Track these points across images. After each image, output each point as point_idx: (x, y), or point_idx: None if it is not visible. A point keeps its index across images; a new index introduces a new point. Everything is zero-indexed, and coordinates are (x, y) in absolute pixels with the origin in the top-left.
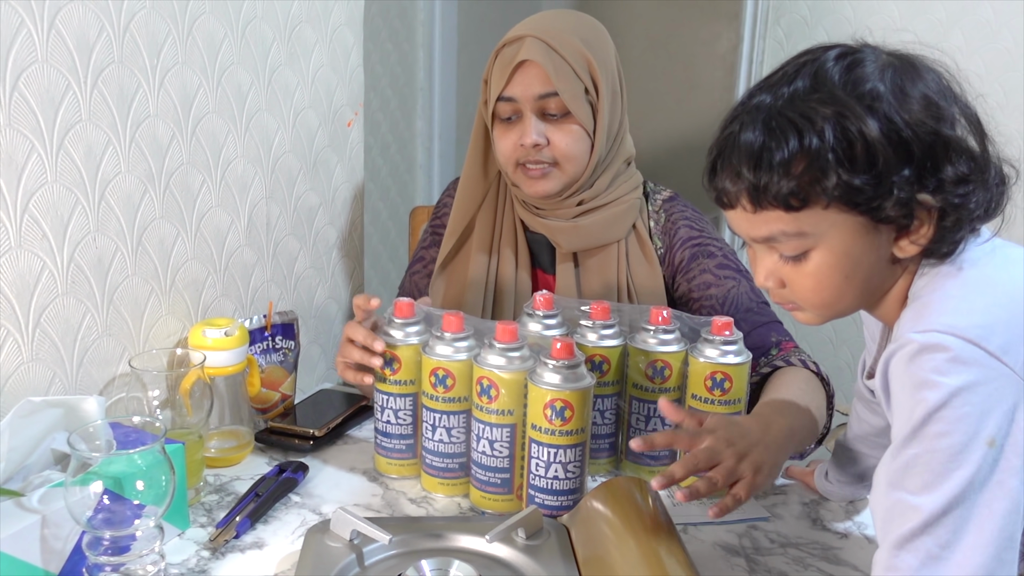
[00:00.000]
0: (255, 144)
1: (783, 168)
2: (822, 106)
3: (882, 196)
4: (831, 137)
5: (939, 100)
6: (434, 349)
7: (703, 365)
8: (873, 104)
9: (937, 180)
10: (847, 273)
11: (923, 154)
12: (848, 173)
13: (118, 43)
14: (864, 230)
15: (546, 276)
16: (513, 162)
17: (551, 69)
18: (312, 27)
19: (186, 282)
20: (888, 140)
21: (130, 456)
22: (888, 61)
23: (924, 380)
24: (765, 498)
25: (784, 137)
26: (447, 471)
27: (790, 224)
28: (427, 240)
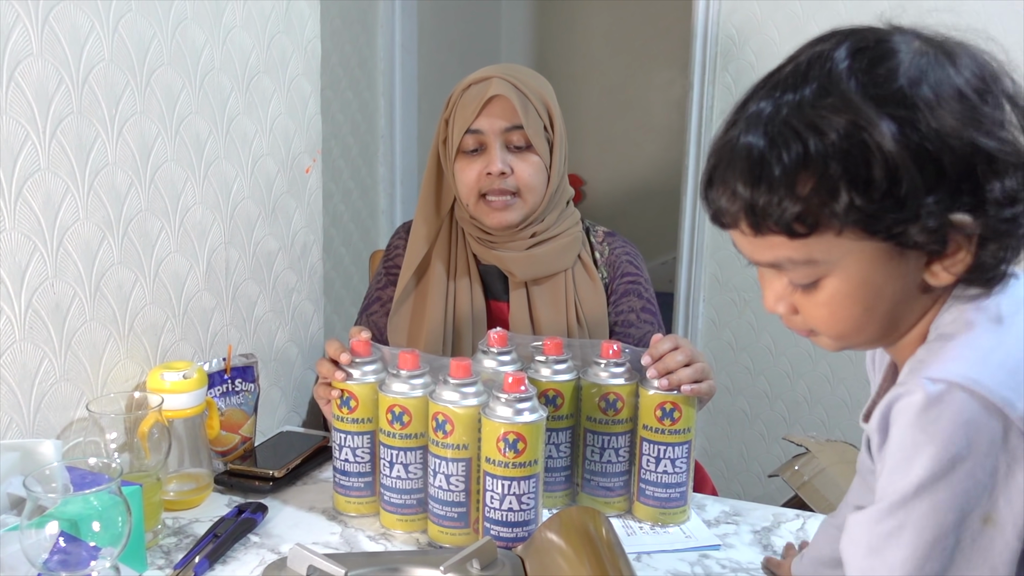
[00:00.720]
0: (214, 191)
1: (786, 187)
2: (834, 114)
3: (907, 221)
4: (843, 152)
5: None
6: (390, 387)
7: (652, 396)
8: (896, 111)
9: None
10: (867, 305)
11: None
12: (863, 196)
13: (77, 94)
14: (887, 257)
15: (499, 305)
16: (476, 193)
17: (518, 104)
18: (270, 77)
19: (144, 327)
20: (914, 156)
21: (86, 497)
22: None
23: (926, 442)
24: (717, 526)
25: (787, 150)
26: (405, 507)
27: (798, 251)
28: (382, 281)
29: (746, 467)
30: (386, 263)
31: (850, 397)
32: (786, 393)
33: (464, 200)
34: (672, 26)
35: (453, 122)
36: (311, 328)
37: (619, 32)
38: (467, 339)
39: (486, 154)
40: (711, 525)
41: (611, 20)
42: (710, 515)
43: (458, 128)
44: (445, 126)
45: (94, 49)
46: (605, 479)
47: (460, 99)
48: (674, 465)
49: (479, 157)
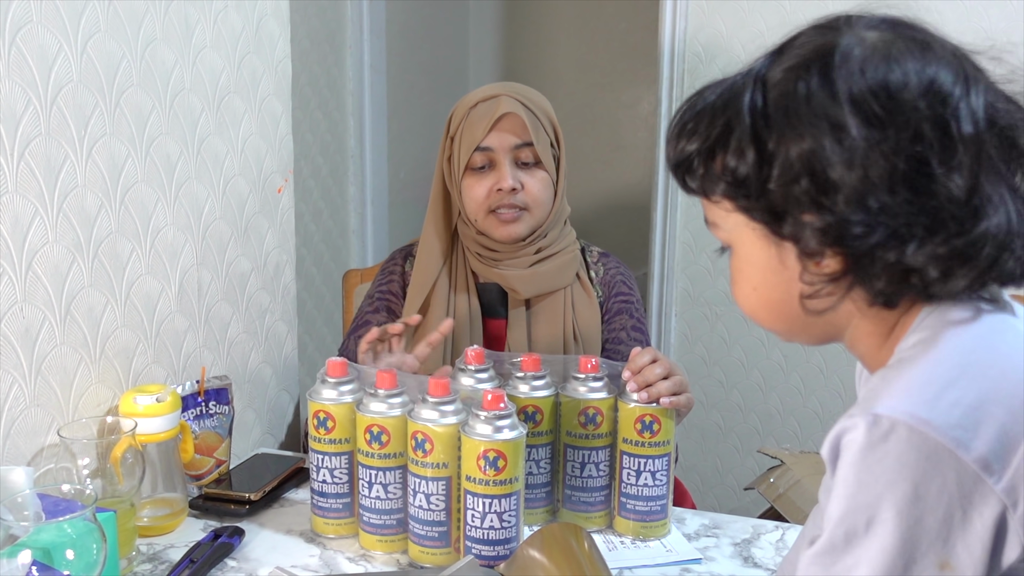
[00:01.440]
0: (185, 212)
1: (679, 145)
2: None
3: (756, 204)
4: (716, 125)
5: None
6: (368, 406)
7: (632, 409)
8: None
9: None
10: (754, 285)
11: (798, 176)
12: (716, 168)
13: (45, 116)
14: (764, 240)
15: (496, 322)
16: (485, 208)
17: (528, 122)
18: (241, 97)
19: (116, 350)
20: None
21: (59, 525)
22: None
23: (872, 481)
24: (697, 540)
25: (695, 115)
26: (385, 528)
27: (709, 210)
28: (373, 305)
29: (721, 480)
30: (379, 287)
31: (822, 408)
32: (759, 405)
33: (472, 216)
34: (639, 44)
35: (460, 140)
36: (285, 349)
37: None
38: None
39: (495, 171)
40: (691, 538)
41: (578, 40)
42: (690, 528)
43: (466, 146)
44: (451, 144)
45: (62, 70)
46: (586, 494)
47: (468, 116)
48: (654, 478)
49: (488, 174)
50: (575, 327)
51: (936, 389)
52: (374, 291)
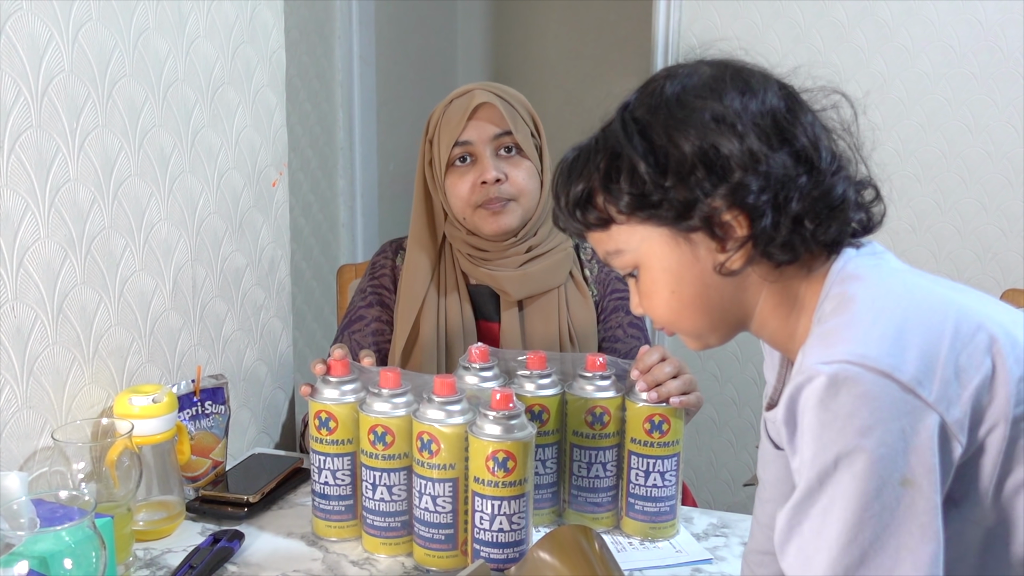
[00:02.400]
0: (179, 206)
1: (571, 188)
2: (602, 133)
3: (661, 206)
4: (603, 157)
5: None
6: (372, 406)
7: (641, 409)
8: (644, 125)
9: (720, 183)
10: (672, 288)
11: (695, 164)
12: (617, 189)
13: (35, 107)
14: (673, 241)
15: (490, 325)
16: (472, 205)
17: (504, 111)
18: (235, 89)
19: (110, 349)
20: (653, 157)
21: (57, 533)
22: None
23: (832, 420)
24: (707, 539)
25: (575, 162)
26: (389, 530)
27: (607, 243)
28: (366, 299)
29: (715, 475)
30: (371, 281)
31: None
32: (754, 400)
33: (459, 214)
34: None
35: (439, 139)
36: (280, 346)
37: (577, 42)
38: (458, 359)
39: (477, 164)
40: (700, 538)
41: (569, 30)
42: (698, 528)
43: (445, 143)
44: (430, 147)
45: (53, 59)
46: (593, 495)
47: (443, 115)
48: (663, 478)
49: (470, 169)
50: (570, 327)
51: (863, 330)
52: (366, 285)
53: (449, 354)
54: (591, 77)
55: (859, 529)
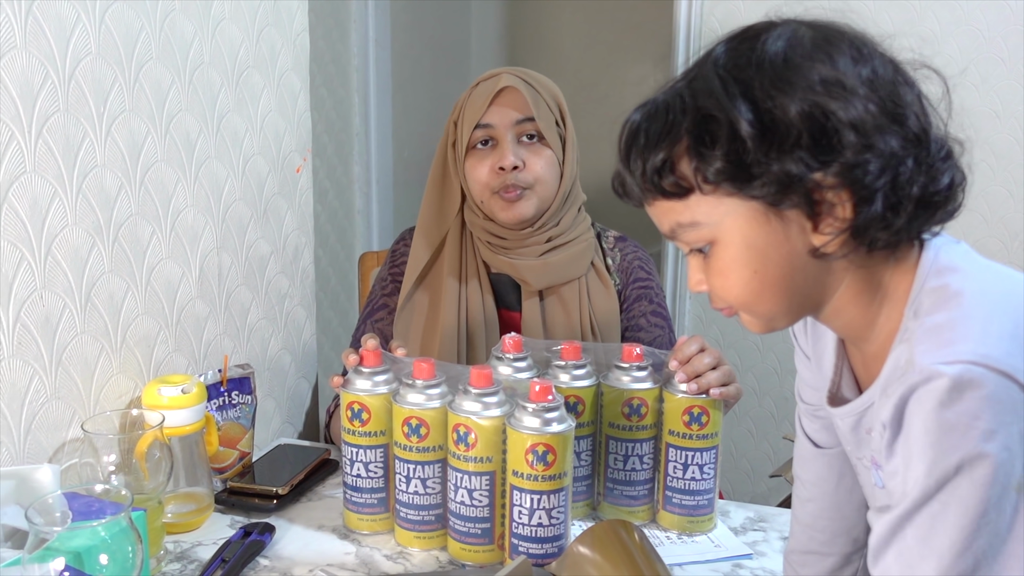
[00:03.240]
0: (205, 192)
1: (652, 152)
2: (688, 89)
3: (760, 177)
4: (692, 119)
5: (841, 76)
6: (405, 398)
7: (680, 400)
8: (746, 86)
9: (832, 158)
10: (755, 267)
11: (804, 133)
12: (710, 156)
13: (63, 91)
14: (763, 217)
15: (511, 314)
16: (489, 190)
17: (529, 97)
18: (260, 72)
19: (137, 338)
20: (758, 122)
21: (93, 528)
22: (792, 35)
23: (955, 424)
24: (744, 534)
25: (652, 122)
26: (423, 524)
27: (683, 214)
28: (387, 287)
29: (735, 464)
30: (391, 269)
31: None
32: (774, 389)
33: (477, 197)
34: (646, 21)
35: (462, 121)
36: (304, 335)
37: (592, 27)
38: (480, 348)
39: (497, 149)
40: (738, 532)
41: (584, 15)
42: (735, 522)
43: (467, 124)
44: (454, 128)
45: (80, 42)
46: (629, 488)
47: (469, 97)
48: (702, 471)
49: (490, 153)
50: (592, 318)
51: (980, 328)
52: (386, 273)
53: (471, 344)
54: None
55: (975, 537)
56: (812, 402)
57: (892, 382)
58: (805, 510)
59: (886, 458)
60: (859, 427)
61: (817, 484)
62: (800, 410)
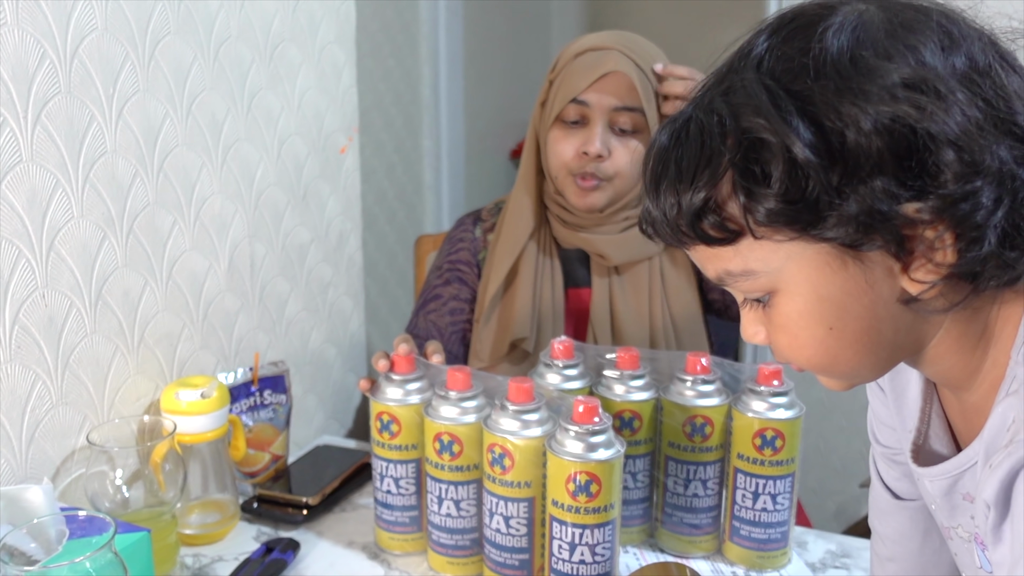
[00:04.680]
0: (234, 178)
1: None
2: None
3: (831, 215)
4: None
5: (929, 74)
6: (438, 411)
7: (750, 420)
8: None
9: (927, 186)
10: (830, 323)
11: (886, 155)
12: (761, 193)
13: (64, 71)
14: (838, 262)
15: (578, 292)
16: (566, 170)
17: (638, 84)
18: (297, 46)
19: (157, 337)
20: (823, 145)
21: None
22: (858, 22)
23: None
24: (824, 572)
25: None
26: (457, 548)
27: (732, 261)
28: (443, 276)
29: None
30: (448, 257)
31: None
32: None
33: (553, 172)
34: None
35: (558, 86)
36: (351, 325)
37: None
38: (547, 332)
39: (586, 129)
40: (816, 569)
41: None
42: (813, 556)
43: (562, 95)
44: (548, 87)
45: (84, 18)
46: (690, 515)
47: (570, 64)
48: (775, 501)
49: (578, 131)
50: (664, 301)
51: None
52: (442, 261)
53: (541, 328)
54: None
55: None
56: (890, 445)
57: (997, 447)
58: (885, 571)
59: (992, 543)
60: (954, 492)
61: (899, 542)
62: (875, 452)
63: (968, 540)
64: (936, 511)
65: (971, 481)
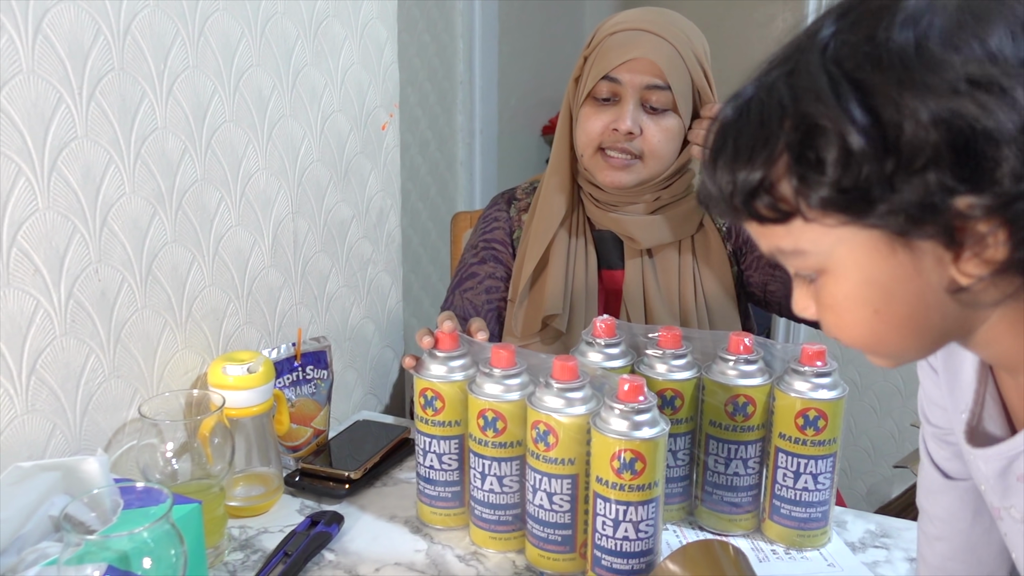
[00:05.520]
0: (279, 154)
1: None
2: (787, 86)
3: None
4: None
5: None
6: (482, 388)
7: (793, 400)
8: (865, 88)
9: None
10: (875, 307)
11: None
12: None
13: (118, 48)
14: (887, 248)
15: (612, 274)
16: (595, 145)
17: (666, 64)
18: (340, 22)
19: (204, 312)
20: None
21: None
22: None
23: None
24: (864, 551)
25: (743, 127)
26: (500, 524)
27: (784, 239)
28: (478, 255)
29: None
30: (483, 236)
31: None
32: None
33: (580, 150)
34: None
35: (592, 63)
36: (389, 302)
37: None
38: (580, 312)
39: (618, 106)
40: (856, 549)
41: None
42: (853, 535)
43: (595, 72)
44: (583, 63)
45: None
46: (731, 493)
47: (605, 41)
48: (816, 481)
49: (609, 108)
50: (698, 282)
51: None
52: (477, 240)
53: (574, 309)
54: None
55: None
56: (941, 425)
57: None
58: (934, 550)
59: None
60: (1008, 472)
61: (948, 521)
62: (925, 432)
63: (1020, 521)
64: (987, 492)
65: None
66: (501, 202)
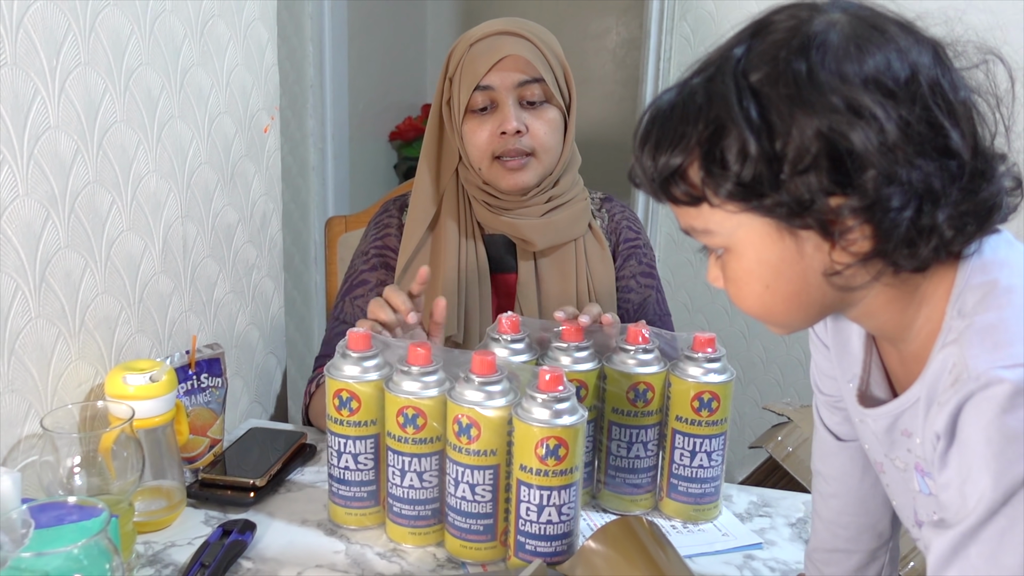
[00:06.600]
0: (168, 156)
1: (660, 156)
2: (705, 90)
3: (770, 196)
4: (705, 129)
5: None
6: (400, 385)
7: (688, 385)
8: (763, 102)
9: (851, 186)
10: (767, 282)
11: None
12: (720, 173)
13: (10, 41)
14: (776, 234)
15: (504, 276)
16: (489, 155)
17: (533, 57)
18: (225, 22)
19: (97, 320)
20: (770, 143)
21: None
22: (824, 37)
23: (1019, 432)
24: (751, 520)
25: (666, 122)
26: (419, 519)
27: (696, 219)
28: (369, 262)
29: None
30: (374, 242)
31: (804, 356)
32: (741, 353)
33: (476, 164)
34: None
35: (460, 80)
36: (272, 308)
37: None
38: (475, 311)
39: (498, 112)
40: (743, 519)
41: None
42: (739, 507)
43: (466, 85)
44: (449, 85)
45: None
46: (632, 475)
47: (467, 54)
48: (710, 458)
49: (490, 116)
50: (589, 281)
51: None
52: (368, 247)
53: (467, 306)
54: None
55: None
56: (832, 393)
57: (943, 388)
58: (828, 506)
59: (938, 469)
60: (894, 428)
61: (840, 479)
62: (818, 401)
63: (904, 470)
64: (871, 449)
65: (910, 419)
66: (393, 208)
